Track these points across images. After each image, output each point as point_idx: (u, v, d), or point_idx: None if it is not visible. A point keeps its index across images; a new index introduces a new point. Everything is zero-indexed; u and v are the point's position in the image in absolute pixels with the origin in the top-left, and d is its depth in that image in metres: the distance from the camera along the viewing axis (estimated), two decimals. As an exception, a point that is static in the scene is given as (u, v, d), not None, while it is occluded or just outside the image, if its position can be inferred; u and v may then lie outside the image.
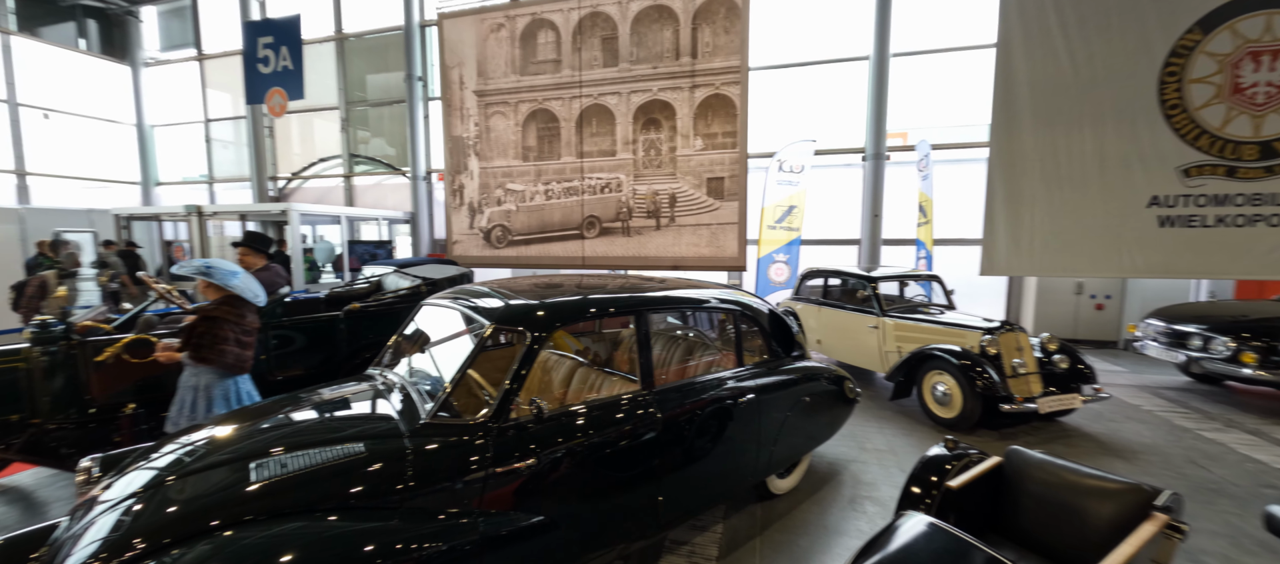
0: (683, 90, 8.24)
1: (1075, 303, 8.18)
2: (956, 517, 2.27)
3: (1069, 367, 4.63)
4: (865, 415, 5.00)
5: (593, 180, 8.81)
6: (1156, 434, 4.53)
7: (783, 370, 3.16)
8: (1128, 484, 2.01)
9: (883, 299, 5.61)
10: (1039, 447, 4.34)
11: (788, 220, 8.18)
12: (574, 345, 3.50)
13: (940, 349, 4.64)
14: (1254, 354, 4.82)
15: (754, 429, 2.91)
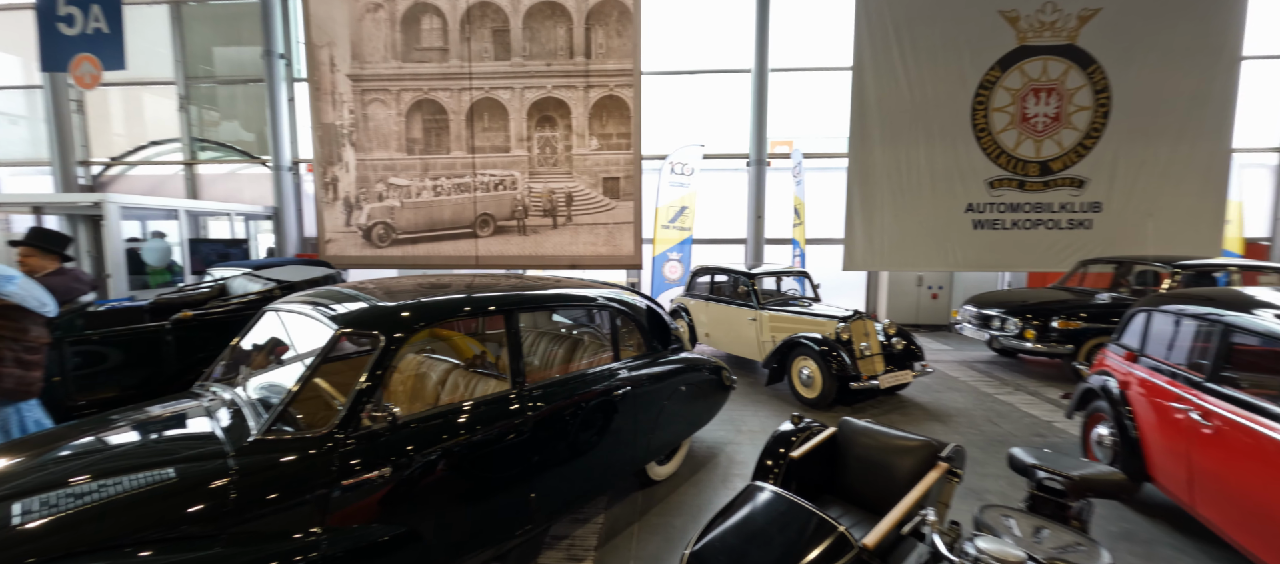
0: (578, 89, 8.27)
1: (917, 293, 9.59)
2: (798, 482, 2.58)
3: (904, 348, 5.44)
4: (743, 401, 5.43)
5: (486, 177, 8.50)
6: (967, 400, 5.49)
7: (659, 363, 3.34)
8: (922, 441, 2.43)
9: (760, 294, 6.12)
10: (881, 416, 5.10)
11: (680, 220, 8.57)
12: (463, 347, 3.38)
13: (806, 337, 5.20)
14: (1033, 331, 6.05)
15: (631, 421, 3.04)
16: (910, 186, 8.17)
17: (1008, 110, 7.92)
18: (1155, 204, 7.83)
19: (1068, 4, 7.68)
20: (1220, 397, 2.48)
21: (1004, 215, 8.10)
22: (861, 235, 8.29)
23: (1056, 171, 7.95)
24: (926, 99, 7.99)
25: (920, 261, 8.32)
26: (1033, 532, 1.74)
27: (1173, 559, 2.74)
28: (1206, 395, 2.55)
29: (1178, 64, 7.64)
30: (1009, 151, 7.99)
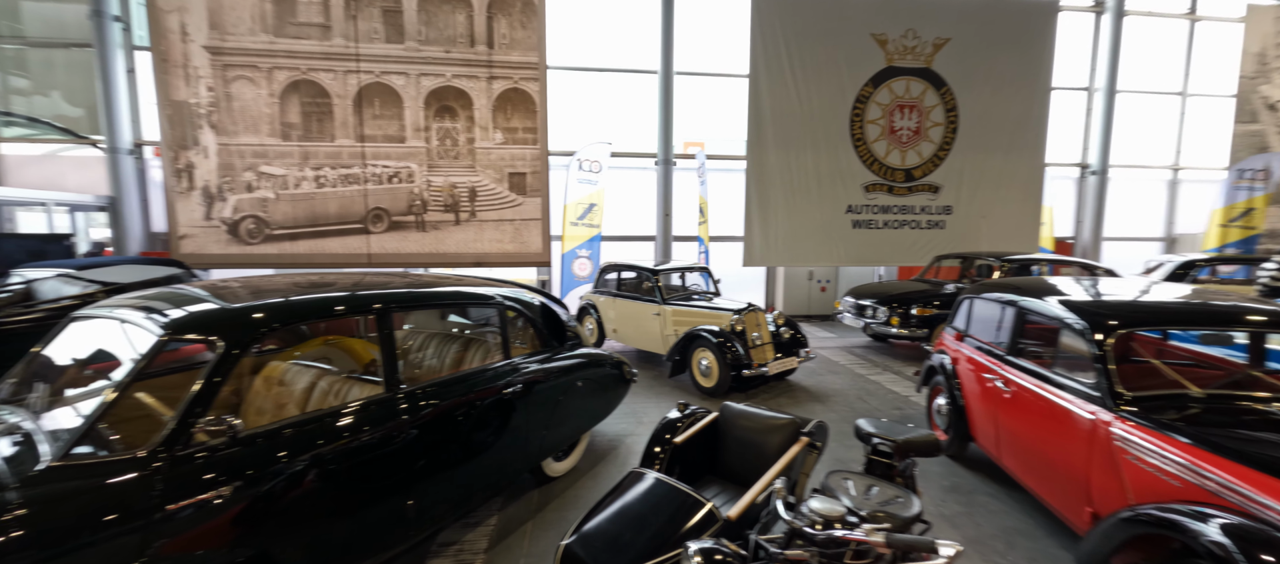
0: (480, 80, 7.95)
1: (808, 286, 10.49)
2: (683, 465, 2.73)
3: (791, 336, 5.93)
4: (647, 393, 5.60)
5: (378, 168, 7.89)
6: (845, 381, 6.13)
7: (555, 360, 3.35)
8: (787, 420, 2.68)
9: (665, 289, 6.34)
10: (770, 399, 5.53)
11: (589, 217, 8.59)
12: (360, 352, 3.12)
13: (705, 330, 5.48)
14: (897, 318, 6.91)
15: (523, 419, 3.02)
16: (800, 188, 8.90)
17: (879, 123, 8.91)
18: (989, 208, 9.26)
19: (925, 31, 8.80)
20: (1015, 367, 3.02)
21: (877, 216, 9.12)
22: (759, 233, 8.88)
23: (918, 178, 9.10)
24: (813, 109, 8.74)
25: (810, 257, 9.10)
26: (866, 490, 2.01)
27: (986, 504, 3.29)
28: (1007, 366, 3.10)
29: (1006, 90, 9.09)
30: (880, 159, 9.00)
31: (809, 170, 8.86)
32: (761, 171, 8.77)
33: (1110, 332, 2.44)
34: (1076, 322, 2.56)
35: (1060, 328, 2.71)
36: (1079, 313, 2.59)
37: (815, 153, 8.84)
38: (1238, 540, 1.58)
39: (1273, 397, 2.27)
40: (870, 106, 8.85)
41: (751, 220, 8.85)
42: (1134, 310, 2.56)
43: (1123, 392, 2.30)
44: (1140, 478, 2.09)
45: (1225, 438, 1.95)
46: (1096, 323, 2.48)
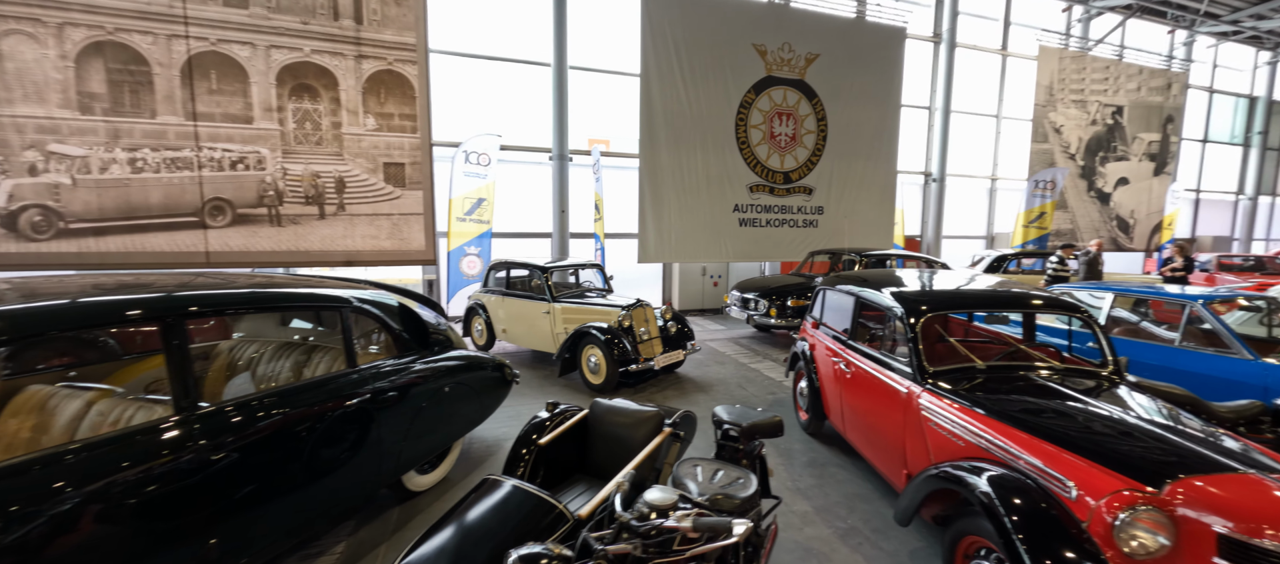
0: (346, 58, 7.16)
1: (701, 282, 10.96)
2: (551, 467, 2.65)
3: (678, 330, 6.13)
4: (534, 393, 5.45)
5: (217, 152, 6.77)
6: (728, 370, 6.48)
7: (416, 366, 3.08)
8: (652, 412, 2.72)
9: (554, 287, 6.20)
10: (656, 392, 5.67)
11: (478, 213, 8.16)
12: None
13: (593, 327, 5.44)
14: (775, 309, 7.46)
15: (373, 433, 2.74)
16: (691, 187, 9.25)
17: (760, 128, 9.55)
18: (853, 209, 10.38)
19: (799, 46, 9.59)
20: (854, 350, 3.37)
21: (760, 215, 9.77)
22: (653, 230, 9.08)
23: (795, 181, 9.90)
24: (701, 111, 9.12)
25: (701, 254, 9.50)
26: (712, 475, 2.10)
27: (836, 475, 3.65)
28: (849, 350, 3.45)
29: (865, 104, 10.22)
30: (763, 162, 9.65)
31: (699, 170, 9.24)
32: (654, 170, 8.96)
33: (920, 315, 2.80)
34: (896, 307, 2.91)
35: (887, 314, 3.07)
36: (899, 300, 2.95)
37: (704, 153, 9.24)
38: (998, 489, 1.88)
39: (1035, 364, 2.76)
40: (752, 112, 9.45)
41: (645, 218, 9.02)
42: (938, 297, 2.97)
43: (928, 367, 2.65)
44: (938, 440, 2.42)
45: (995, 402, 2.32)
46: (910, 308, 2.84)
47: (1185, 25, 14.54)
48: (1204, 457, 1.75)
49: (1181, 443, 1.85)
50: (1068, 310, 2.80)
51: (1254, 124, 17.03)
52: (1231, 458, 1.75)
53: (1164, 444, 1.87)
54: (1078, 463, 1.82)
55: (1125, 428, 2.00)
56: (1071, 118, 12.42)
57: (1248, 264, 11.86)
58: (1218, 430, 2.04)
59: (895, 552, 2.78)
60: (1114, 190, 13.18)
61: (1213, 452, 1.78)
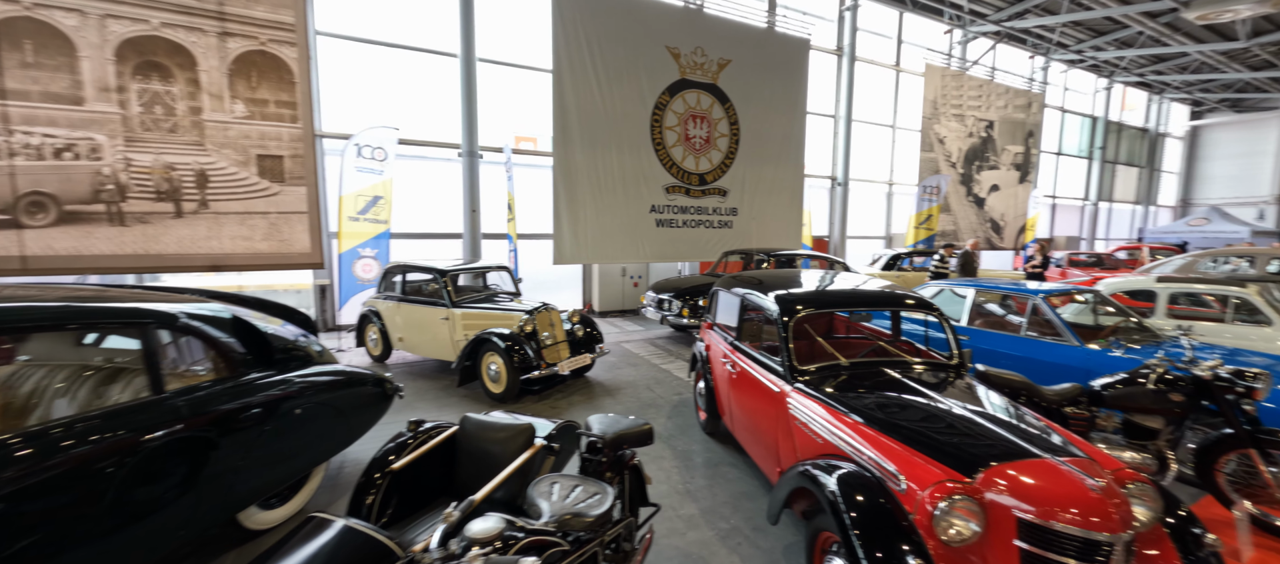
0: (207, 34, 6.30)
1: (621, 283, 10.92)
2: (408, 494, 2.41)
3: (586, 334, 6.00)
4: (431, 405, 5.08)
5: (35, 138, 5.68)
6: (639, 372, 6.45)
7: (249, 388, 2.69)
8: (522, 425, 2.55)
9: (453, 292, 5.83)
10: (562, 399, 5.50)
11: (374, 212, 7.53)
12: None
13: (493, 333, 5.17)
14: (688, 309, 7.56)
15: (184, 469, 2.34)
16: (608, 187, 9.15)
17: (675, 130, 9.66)
18: (765, 210, 10.81)
19: (712, 51, 9.81)
20: (739, 350, 3.42)
21: (677, 215, 9.89)
22: (569, 231, 8.88)
23: (710, 183, 10.13)
24: (616, 111, 9.05)
25: (619, 254, 9.44)
26: (569, 492, 1.98)
27: (727, 474, 3.69)
28: (736, 350, 3.49)
29: (774, 111, 10.67)
30: (678, 164, 9.77)
31: (615, 170, 9.16)
32: (569, 170, 8.77)
33: (791, 315, 2.87)
34: (772, 308, 2.96)
35: (766, 314, 3.12)
36: (776, 301, 3.01)
37: (620, 154, 9.18)
38: (842, 486, 1.93)
39: (892, 360, 2.92)
40: (667, 114, 9.53)
41: (561, 218, 8.80)
42: (808, 298, 3.06)
43: (797, 366, 2.71)
44: (803, 438, 2.48)
45: (847, 399, 2.41)
46: (783, 308, 2.90)
47: (1042, 53, 16.67)
48: (1012, 444, 1.90)
49: (997, 432, 2.01)
50: (922, 308, 3.00)
51: (1095, 140, 19.91)
52: (1036, 443, 1.91)
53: (982, 434, 2.01)
54: (909, 456, 1.91)
55: (954, 419, 2.13)
56: (953, 130, 13.78)
57: (1091, 260, 13.82)
58: (1029, 415, 2.25)
59: (770, 549, 2.82)
60: (988, 196, 14.80)
61: (1021, 439, 1.94)
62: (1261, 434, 2.83)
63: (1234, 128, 22.57)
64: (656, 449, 4.10)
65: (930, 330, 3.49)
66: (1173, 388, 2.93)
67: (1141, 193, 22.38)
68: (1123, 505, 1.64)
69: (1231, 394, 2.83)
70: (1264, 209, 21.58)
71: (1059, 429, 2.10)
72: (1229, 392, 2.84)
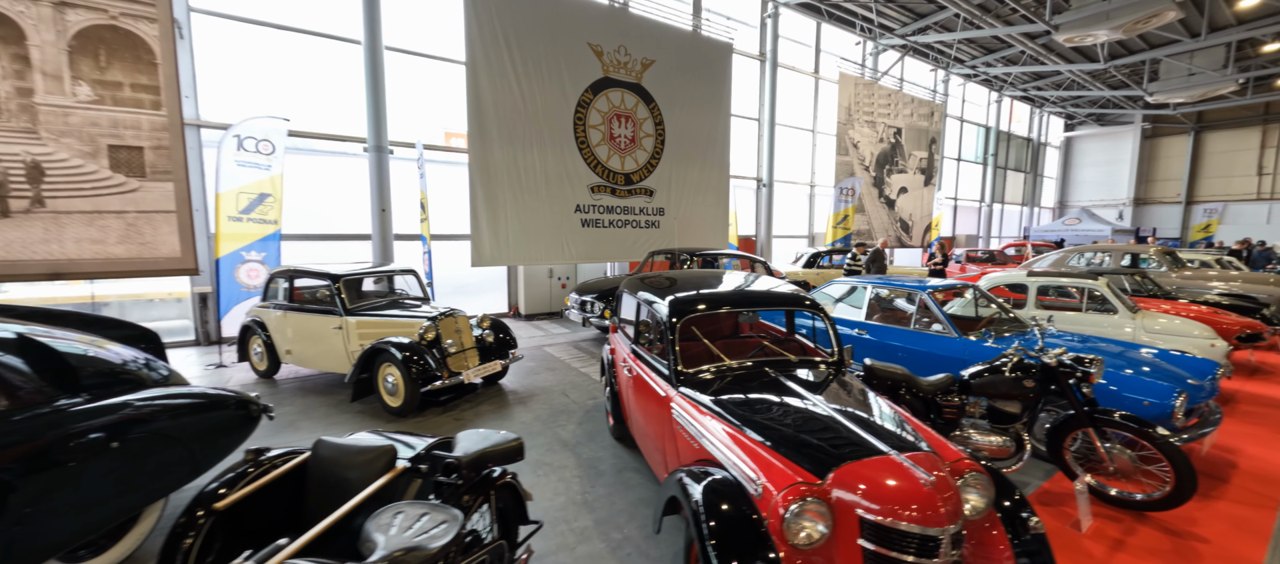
0: (38, 4, 5.39)
1: (549, 284, 10.65)
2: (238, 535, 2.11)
3: (498, 339, 5.73)
4: (319, 424, 4.64)
5: None
6: (557, 377, 6.27)
7: (35, 420, 2.26)
8: (383, 446, 2.31)
9: (346, 298, 5.36)
10: (470, 409, 5.21)
11: (260, 211, 6.81)
12: None
13: (389, 342, 4.79)
14: (609, 311, 7.45)
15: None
16: (529, 186, 8.86)
17: (599, 128, 9.53)
18: (692, 210, 10.95)
19: (635, 50, 9.77)
20: (637, 354, 3.35)
21: (603, 215, 9.77)
22: (487, 231, 8.50)
23: (636, 182, 10.09)
24: (537, 108, 8.78)
25: (542, 255, 9.17)
26: (412, 523, 1.79)
27: (629, 480, 3.61)
28: (634, 355, 3.42)
29: (699, 112, 10.83)
30: (603, 163, 9.65)
31: (536, 169, 8.89)
32: (487, 168, 8.39)
33: (679, 317, 2.83)
34: (661, 310, 2.91)
35: (656, 317, 3.06)
36: (667, 304, 2.95)
37: (542, 152, 8.92)
38: (706, 494, 1.88)
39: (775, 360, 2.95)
40: (591, 112, 9.39)
41: (478, 218, 8.41)
42: (694, 300, 3.02)
43: (682, 369, 2.67)
44: (684, 443, 2.44)
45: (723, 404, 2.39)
46: (670, 310, 2.85)
47: (943, 66, 18.17)
48: (864, 442, 1.94)
49: (855, 430, 2.05)
50: (805, 306, 3.06)
51: (988, 147, 22.00)
52: (886, 439, 1.97)
53: (841, 433, 2.04)
54: (770, 459, 1.91)
55: (820, 420, 2.16)
56: (865, 136, 14.68)
57: (985, 256, 15.23)
58: (891, 411, 2.33)
59: (661, 556, 2.77)
60: (897, 197, 15.91)
61: (875, 436, 1.99)
62: (1097, 414, 3.13)
63: (1099, 139, 25.80)
64: (561, 457, 3.95)
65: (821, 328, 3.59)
66: (1026, 375, 3.18)
67: (1027, 195, 25.03)
68: (952, 498, 1.70)
69: (1072, 379, 3.12)
70: (1122, 210, 24.84)
71: (913, 422, 2.19)
72: (1070, 377, 3.12)
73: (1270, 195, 21.56)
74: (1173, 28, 14.53)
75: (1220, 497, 3.41)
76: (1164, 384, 3.39)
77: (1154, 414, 3.35)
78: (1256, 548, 2.84)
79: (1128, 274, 8.26)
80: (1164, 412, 3.31)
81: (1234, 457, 3.99)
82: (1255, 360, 6.91)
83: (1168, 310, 6.28)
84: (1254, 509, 3.24)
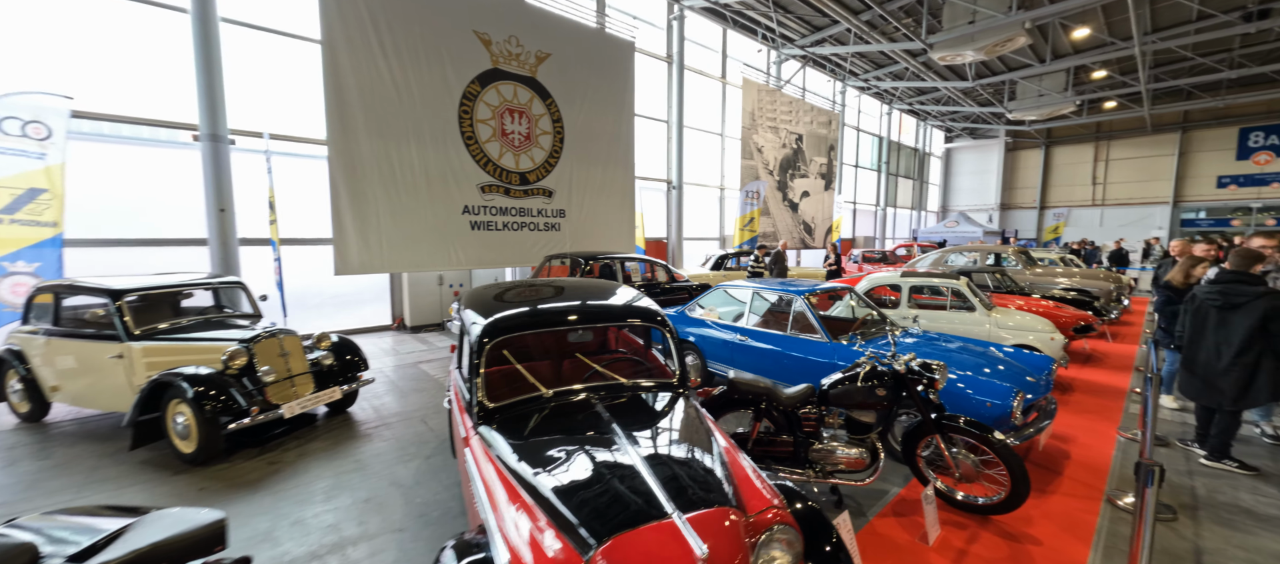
0: None
1: (439, 292, 9.75)
2: None
3: (344, 360, 4.92)
4: (85, 480, 3.62)
5: None
6: (424, 399, 5.54)
7: None
8: (19, 546, 1.63)
9: (135, 319, 4.32)
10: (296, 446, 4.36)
11: (30, 210, 5.43)
12: None
13: (176, 373, 3.87)
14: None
15: None
16: (407, 185, 7.98)
17: (490, 123, 8.84)
18: (596, 212, 10.54)
19: (528, 42, 9.19)
20: (458, 378, 2.82)
21: (496, 217, 9.07)
22: (355, 234, 7.52)
23: (532, 182, 9.50)
24: (415, 99, 7.93)
25: (424, 261, 8.30)
26: None
27: (460, 526, 3.07)
28: (456, 378, 2.89)
29: (601, 111, 10.45)
30: (495, 161, 8.96)
31: (415, 165, 8.03)
32: (352, 162, 7.42)
33: (493, 338, 2.36)
34: (475, 331, 2.42)
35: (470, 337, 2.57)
36: (482, 324, 2.47)
37: (422, 147, 8.07)
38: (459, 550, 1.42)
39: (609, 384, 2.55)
40: (479, 106, 8.67)
41: (341, 219, 7.40)
42: (511, 320, 2.54)
43: (486, 402, 2.20)
44: (468, 498, 1.97)
45: (519, 448, 1.95)
46: (485, 330, 2.38)
47: (840, 78, 19.31)
48: (652, 502, 1.59)
49: (649, 484, 1.69)
50: (648, 320, 2.72)
51: (882, 156, 23.79)
52: (683, 495, 1.62)
53: (634, 486, 1.68)
54: (538, 533, 1.50)
55: (619, 470, 1.78)
56: (769, 141, 15.12)
57: (880, 256, 16.28)
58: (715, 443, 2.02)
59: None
60: (800, 201, 16.60)
61: (671, 489, 1.65)
62: (944, 421, 3.08)
63: (972, 151, 28.90)
64: (385, 507, 3.32)
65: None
66: (879, 383, 3.07)
67: (916, 200, 27.42)
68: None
69: (920, 385, 3.04)
70: (992, 214, 27.98)
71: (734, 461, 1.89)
72: (918, 383, 3.04)
73: (1103, 202, 25.25)
74: (1025, 53, 16.43)
75: (1055, 490, 3.53)
76: (1005, 385, 3.45)
77: (997, 414, 3.39)
78: (1081, 548, 2.89)
79: (991, 272, 9.00)
80: (1005, 412, 3.36)
81: (1069, 446, 4.23)
82: (1089, 349, 7.73)
83: (1022, 306, 6.80)
84: (1083, 502, 3.37)
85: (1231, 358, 3.63)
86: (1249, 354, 3.58)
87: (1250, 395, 3.60)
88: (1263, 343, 3.55)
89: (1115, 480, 3.65)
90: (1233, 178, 21.94)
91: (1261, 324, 3.54)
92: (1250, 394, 3.60)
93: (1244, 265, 3.75)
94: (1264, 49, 16.02)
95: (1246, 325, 3.58)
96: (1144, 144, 23.86)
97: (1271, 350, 3.54)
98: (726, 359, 5.20)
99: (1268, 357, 3.56)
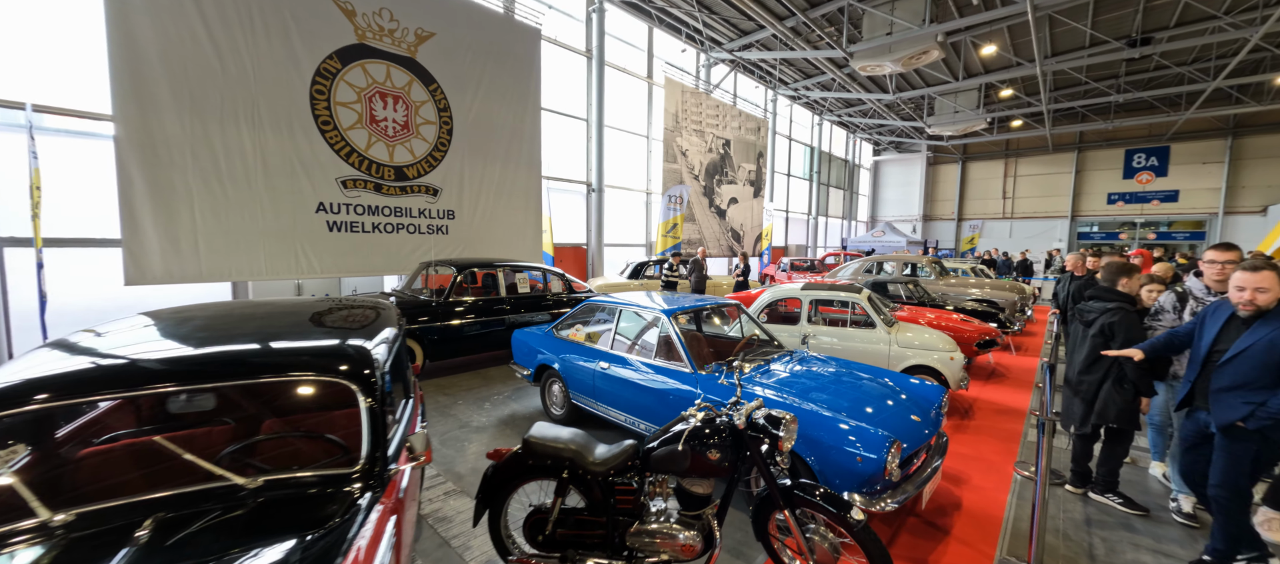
0: None
1: (298, 304, 8.30)
2: None
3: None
4: None
5: None
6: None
7: None
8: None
9: None
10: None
11: None
12: None
13: None
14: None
15: None
16: (235, 176, 6.58)
17: (355, 108, 7.57)
18: (493, 214, 9.44)
19: (406, 18, 8.01)
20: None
21: (363, 217, 7.79)
22: (155, 235, 6.05)
23: (412, 178, 8.28)
24: (247, 71, 6.56)
25: (260, 268, 6.90)
26: None
27: None
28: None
29: (500, 101, 9.40)
30: (361, 152, 7.69)
31: (248, 152, 6.65)
32: (152, 144, 5.96)
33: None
34: None
35: None
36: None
37: (257, 131, 6.70)
38: None
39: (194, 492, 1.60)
40: (339, 86, 7.39)
41: (135, 215, 5.93)
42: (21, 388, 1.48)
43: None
44: None
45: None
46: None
47: (770, 86, 19.22)
48: None
49: None
50: (324, 373, 1.76)
51: (814, 165, 24.08)
52: None
53: None
54: None
55: None
56: (694, 144, 14.58)
57: (808, 265, 16.13)
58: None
59: None
60: (728, 207, 16.19)
61: None
62: (796, 491, 2.31)
63: (898, 163, 30.05)
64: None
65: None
66: (711, 442, 2.26)
67: (846, 210, 28.09)
68: None
69: (763, 443, 2.26)
70: (915, 224, 29.14)
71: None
72: (760, 443, 2.26)
73: (1012, 215, 26.84)
74: (940, 68, 16.92)
75: (940, 558, 2.87)
76: (879, 434, 2.76)
77: (870, 470, 2.68)
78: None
79: (904, 282, 8.72)
80: (878, 468, 2.66)
81: (961, 490, 3.66)
82: (993, 363, 7.50)
83: (932, 320, 6.40)
84: (970, 573, 2.73)
85: (1077, 375, 3.44)
86: (1094, 372, 3.32)
87: (1094, 417, 3.32)
88: (1109, 361, 3.25)
89: (1007, 541, 3.06)
90: (1120, 195, 23.88)
91: (1103, 340, 3.27)
92: (1094, 415, 3.32)
93: (1110, 280, 3.43)
94: (1145, 76, 17.36)
95: (1093, 341, 3.33)
96: (1046, 162, 25.58)
97: (1116, 372, 3.20)
98: (589, 391, 4.32)
99: (1110, 378, 3.26)
